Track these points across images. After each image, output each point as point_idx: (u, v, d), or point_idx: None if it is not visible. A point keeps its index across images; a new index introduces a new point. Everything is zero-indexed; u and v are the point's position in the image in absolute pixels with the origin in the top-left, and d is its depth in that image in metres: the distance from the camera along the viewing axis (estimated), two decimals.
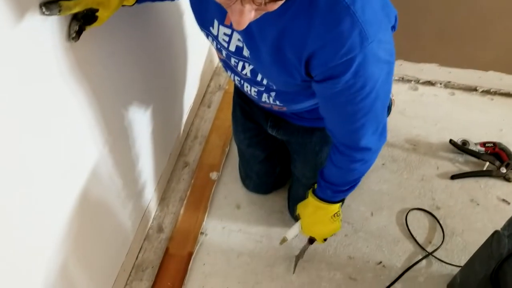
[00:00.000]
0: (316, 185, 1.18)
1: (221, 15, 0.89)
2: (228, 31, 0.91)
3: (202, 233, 1.48)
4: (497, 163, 1.60)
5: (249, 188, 1.59)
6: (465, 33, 1.74)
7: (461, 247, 1.43)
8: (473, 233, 1.46)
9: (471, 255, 1.22)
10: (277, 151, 1.49)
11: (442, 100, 1.89)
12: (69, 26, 0.80)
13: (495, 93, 1.89)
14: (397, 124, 1.76)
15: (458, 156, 1.67)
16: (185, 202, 1.55)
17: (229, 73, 1.12)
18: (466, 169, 1.63)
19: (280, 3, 0.66)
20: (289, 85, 0.97)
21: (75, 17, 0.80)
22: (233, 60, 0.99)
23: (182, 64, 1.59)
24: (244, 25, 0.67)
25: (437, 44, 1.81)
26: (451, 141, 1.67)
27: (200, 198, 1.57)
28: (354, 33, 0.75)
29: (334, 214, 1.17)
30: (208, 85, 2.02)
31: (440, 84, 1.93)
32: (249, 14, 0.66)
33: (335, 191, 1.13)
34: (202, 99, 1.94)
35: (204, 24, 0.97)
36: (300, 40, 0.81)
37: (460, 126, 1.76)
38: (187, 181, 1.63)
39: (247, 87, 1.10)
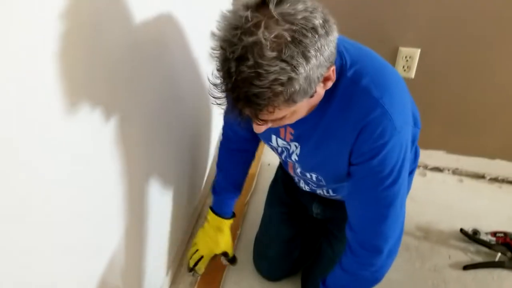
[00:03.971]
0: None
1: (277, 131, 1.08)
2: (285, 142, 1.08)
3: None
4: (509, 254, 1.60)
5: (262, 270, 1.56)
6: (471, 122, 1.80)
7: None
8: None
9: None
10: (303, 232, 1.50)
11: (450, 186, 1.91)
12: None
13: (503, 181, 1.92)
14: (408, 210, 1.74)
15: (470, 245, 1.66)
16: (195, 287, 1.53)
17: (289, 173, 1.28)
18: (478, 259, 1.62)
19: (290, 120, 0.85)
20: (338, 178, 1.07)
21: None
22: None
23: (199, 146, 1.64)
24: (260, 131, 0.85)
25: (444, 132, 1.87)
26: (462, 230, 1.67)
27: (210, 283, 1.55)
28: (385, 121, 0.88)
29: None
30: None
31: (448, 170, 1.97)
32: (261, 126, 0.83)
33: None
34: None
35: (266, 139, 1.15)
36: (341, 134, 0.94)
37: (470, 214, 1.77)
38: None
39: (303, 184, 1.27)
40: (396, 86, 0.94)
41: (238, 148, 1.34)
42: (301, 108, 0.83)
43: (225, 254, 1.41)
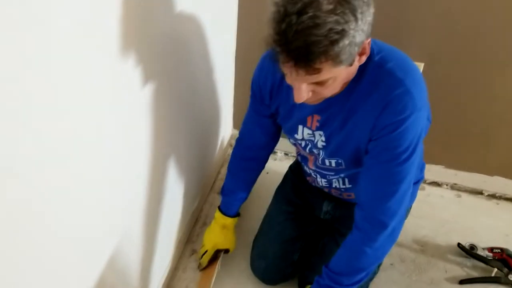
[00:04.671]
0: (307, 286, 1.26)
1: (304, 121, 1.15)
2: (310, 132, 1.16)
3: None
4: (505, 270, 1.60)
5: (259, 272, 1.55)
6: (471, 137, 1.81)
7: None
8: None
9: None
10: (305, 236, 1.53)
11: (448, 201, 1.92)
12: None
13: (500, 197, 1.93)
14: (405, 223, 1.75)
15: (466, 260, 1.67)
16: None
17: (306, 169, 1.36)
18: (474, 274, 1.62)
19: (329, 90, 0.92)
20: (358, 159, 1.12)
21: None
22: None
23: (199, 152, 1.65)
24: (301, 99, 0.92)
25: (443, 147, 1.88)
26: (459, 245, 1.67)
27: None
28: (406, 97, 0.96)
29: None
30: (219, 172, 2.05)
31: (447, 185, 1.98)
32: (306, 92, 0.91)
33: (335, 282, 1.16)
34: (212, 186, 1.97)
35: (291, 132, 1.22)
36: (364, 113, 1.01)
37: (467, 229, 1.78)
38: (194, 269, 1.61)
39: (320, 178, 1.32)
40: (417, 72, 1.02)
41: (251, 157, 1.43)
42: (340, 76, 0.90)
43: (226, 251, 1.54)
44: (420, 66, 1.67)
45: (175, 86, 1.25)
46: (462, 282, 1.59)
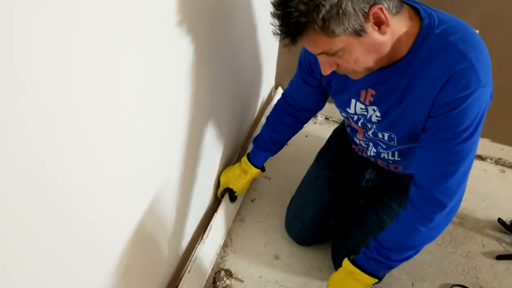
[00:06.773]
0: (352, 255, 1.24)
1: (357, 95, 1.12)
2: (363, 107, 1.13)
3: (240, 279, 1.48)
4: None
5: (293, 232, 1.57)
6: None
7: None
8: None
9: None
10: (343, 202, 1.52)
11: (491, 176, 1.87)
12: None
13: None
14: None
15: (505, 236, 1.63)
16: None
17: (356, 139, 1.34)
18: None
19: (350, 63, 0.90)
20: (412, 136, 1.09)
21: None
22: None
23: (240, 108, 1.65)
24: (324, 71, 0.94)
25: (490, 120, 1.79)
26: (499, 220, 1.64)
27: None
28: (471, 73, 0.89)
29: None
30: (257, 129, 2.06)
31: (491, 160, 1.92)
32: (327, 64, 0.92)
33: (383, 256, 1.13)
34: (250, 142, 1.98)
35: (343, 106, 1.19)
36: (423, 88, 0.96)
37: (509, 205, 1.73)
38: None
39: (372, 146, 1.29)
40: (483, 48, 0.94)
41: (292, 113, 1.42)
42: (353, 47, 0.87)
43: (233, 191, 1.55)
44: None
45: (220, 43, 1.22)
46: (499, 257, 1.56)
